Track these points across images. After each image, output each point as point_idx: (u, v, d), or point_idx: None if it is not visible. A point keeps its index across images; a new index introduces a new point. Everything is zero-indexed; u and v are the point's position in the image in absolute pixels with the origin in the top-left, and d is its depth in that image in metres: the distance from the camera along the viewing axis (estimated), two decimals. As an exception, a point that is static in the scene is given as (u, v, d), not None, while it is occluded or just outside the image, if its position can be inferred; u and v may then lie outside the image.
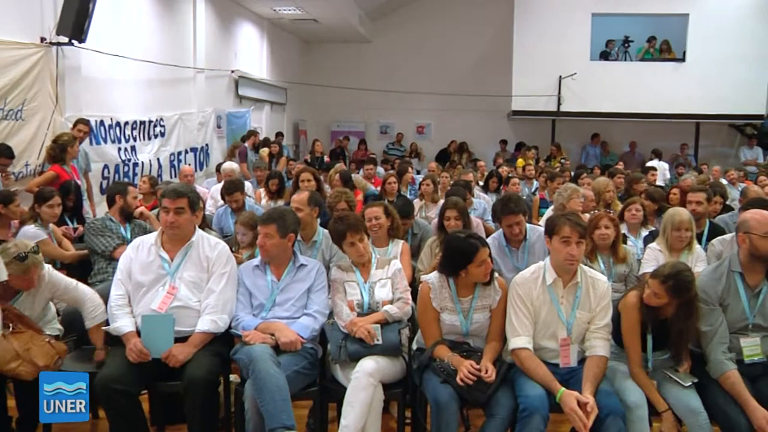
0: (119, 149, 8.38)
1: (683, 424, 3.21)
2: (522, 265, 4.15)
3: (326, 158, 13.32)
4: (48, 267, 3.71)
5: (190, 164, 9.96)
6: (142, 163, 8.88)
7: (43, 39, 6.90)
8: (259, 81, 13.56)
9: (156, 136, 9.42)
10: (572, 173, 9.33)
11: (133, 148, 8.73)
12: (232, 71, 12.22)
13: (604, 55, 15.06)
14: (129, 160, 8.58)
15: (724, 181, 9.36)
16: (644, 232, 5.46)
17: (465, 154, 15.24)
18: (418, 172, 11.50)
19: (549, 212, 5.75)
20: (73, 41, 6.99)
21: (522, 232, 4.35)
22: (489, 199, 7.82)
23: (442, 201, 5.91)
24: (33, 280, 3.56)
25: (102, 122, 7.98)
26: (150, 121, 9.22)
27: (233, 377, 3.87)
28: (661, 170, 11.92)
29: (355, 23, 14.54)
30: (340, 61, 16.43)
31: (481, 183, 9.19)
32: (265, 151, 10.76)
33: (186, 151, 10.32)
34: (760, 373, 3.26)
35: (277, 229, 3.63)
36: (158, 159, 9.38)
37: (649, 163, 12.05)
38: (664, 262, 4.29)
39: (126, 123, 8.54)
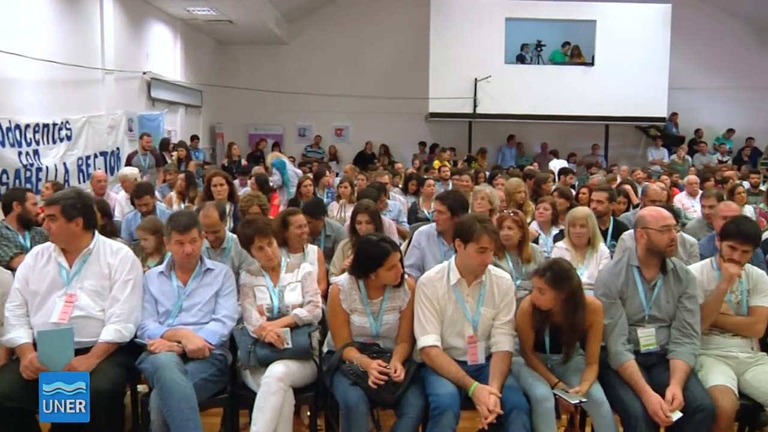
0: (20, 153, 7.96)
1: (587, 415, 3.32)
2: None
3: (244, 162, 13.11)
4: None
5: (100, 169, 9.59)
6: (47, 168, 8.48)
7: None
8: (173, 83, 13.22)
9: (62, 140, 9.00)
10: (487, 174, 9.51)
11: (36, 152, 8.32)
12: (144, 73, 11.86)
13: (520, 59, 15.42)
14: (32, 164, 8.17)
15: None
16: (554, 231, 5.62)
17: (387, 157, 15.34)
18: (337, 175, 11.48)
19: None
20: (-38, 39, 6.62)
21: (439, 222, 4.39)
22: (405, 201, 7.87)
23: (358, 203, 5.87)
24: None
25: (-1, 125, 7.59)
26: (54, 124, 8.80)
27: (141, 387, 3.73)
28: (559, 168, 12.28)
29: (271, 24, 14.39)
30: (257, 63, 16.21)
31: (401, 185, 9.25)
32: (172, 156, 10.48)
33: (95, 156, 9.91)
34: (655, 362, 3.41)
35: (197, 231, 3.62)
36: (65, 164, 8.98)
37: (551, 164, 12.45)
38: (570, 259, 4.46)
39: (27, 126, 8.13)
